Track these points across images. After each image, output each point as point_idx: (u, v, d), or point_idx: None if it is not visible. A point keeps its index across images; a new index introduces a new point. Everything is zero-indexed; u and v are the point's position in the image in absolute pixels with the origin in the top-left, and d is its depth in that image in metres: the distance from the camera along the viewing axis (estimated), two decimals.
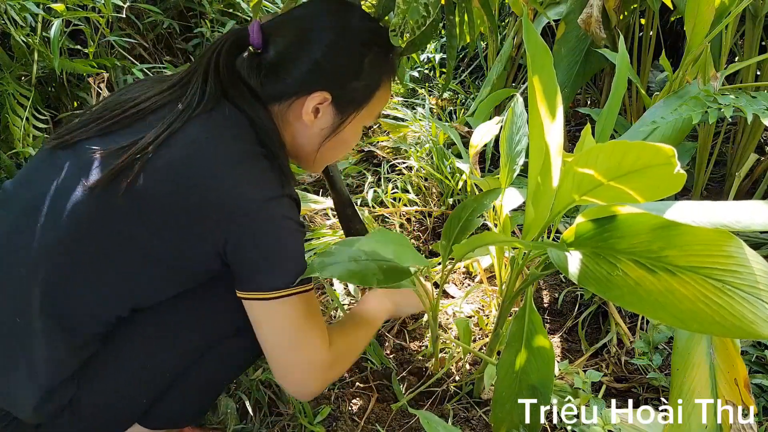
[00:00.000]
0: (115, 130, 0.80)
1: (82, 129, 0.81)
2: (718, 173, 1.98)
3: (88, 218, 0.75)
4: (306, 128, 0.88)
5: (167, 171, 0.75)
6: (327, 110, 0.87)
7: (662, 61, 1.47)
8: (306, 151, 0.92)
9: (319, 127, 0.88)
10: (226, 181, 0.76)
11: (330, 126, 0.89)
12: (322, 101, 0.85)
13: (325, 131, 0.89)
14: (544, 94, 0.79)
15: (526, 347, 0.92)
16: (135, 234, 0.76)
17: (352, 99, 0.88)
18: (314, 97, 0.84)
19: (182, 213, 0.76)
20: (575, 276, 0.77)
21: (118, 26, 2.24)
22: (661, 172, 0.59)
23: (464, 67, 2.89)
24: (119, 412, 0.88)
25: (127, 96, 0.84)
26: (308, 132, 0.89)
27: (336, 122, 0.89)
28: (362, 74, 0.86)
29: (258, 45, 0.84)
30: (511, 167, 1.16)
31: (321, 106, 0.86)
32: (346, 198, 1.27)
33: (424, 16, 0.85)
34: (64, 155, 0.80)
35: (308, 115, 0.85)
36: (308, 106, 0.85)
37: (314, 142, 0.90)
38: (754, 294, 0.63)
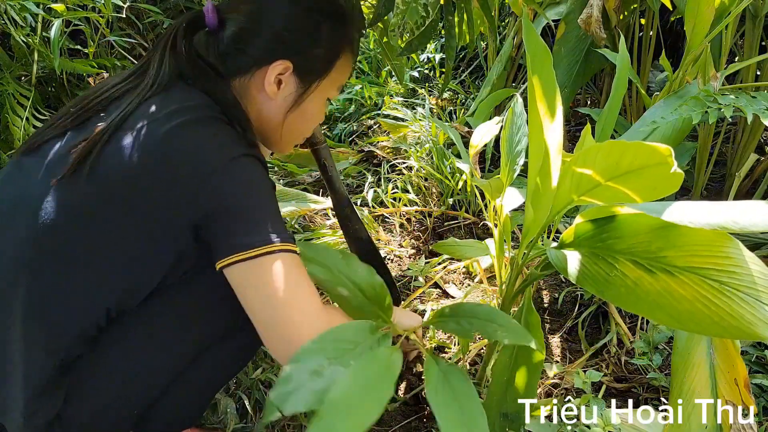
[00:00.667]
0: (76, 126, 0.80)
1: (45, 131, 0.82)
2: (718, 173, 1.98)
3: (58, 214, 0.75)
4: (270, 101, 0.88)
5: (127, 149, 0.75)
6: (289, 80, 0.87)
7: (662, 61, 1.47)
8: (272, 126, 0.92)
9: (283, 98, 0.88)
10: (186, 147, 0.75)
11: (293, 96, 0.89)
12: (284, 71, 0.85)
13: (288, 102, 0.89)
14: (544, 94, 0.79)
15: (518, 349, 0.92)
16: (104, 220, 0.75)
17: (313, 67, 0.88)
18: (275, 66, 0.85)
19: (147, 188, 0.75)
20: (574, 276, 0.77)
21: (118, 26, 2.24)
22: (659, 172, 0.60)
23: (464, 67, 2.89)
24: (112, 422, 0.86)
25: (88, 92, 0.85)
26: (272, 105, 0.89)
27: (299, 92, 0.89)
28: (321, 42, 0.87)
29: (213, 25, 0.85)
30: (511, 167, 1.16)
31: (283, 77, 0.86)
32: (345, 198, 1.27)
33: (423, 16, 0.85)
34: (29, 161, 0.80)
35: (271, 86, 0.86)
36: (270, 76, 0.85)
37: (279, 114, 0.90)
38: (753, 295, 0.63)
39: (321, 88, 0.91)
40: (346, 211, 1.28)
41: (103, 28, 2.00)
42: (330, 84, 0.92)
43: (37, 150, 0.80)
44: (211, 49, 0.85)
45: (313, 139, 1.22)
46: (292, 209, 1.60)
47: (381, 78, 2.80)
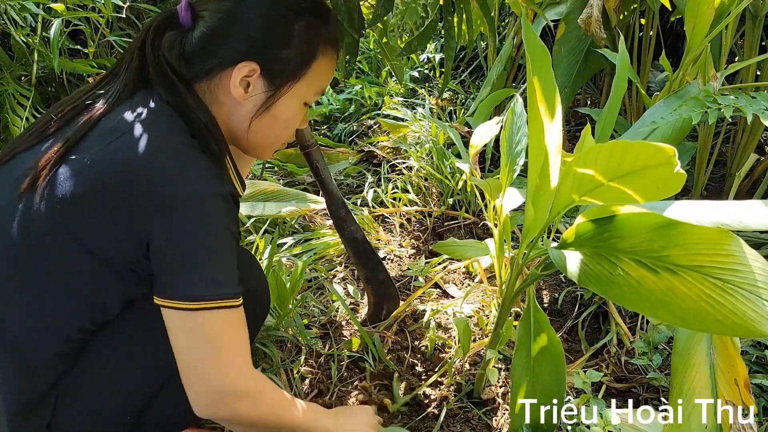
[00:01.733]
0: (46, 137, 0.78)
1: (18, 141, 0.79)
2: (718, 173, 1.98)
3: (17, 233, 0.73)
4: (238, 105, 0.83)
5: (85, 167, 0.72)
6: (257, 83, 0.82)
7: (662, 61, 1.47)
8: (241, 131, 0.86)
9: (252, 103, 0.83)
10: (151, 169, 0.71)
11: (262, 100, 0.83)
12: (250, 73, 0.80)
13: (258, 104, 0.83)
14: (544, 94, 0.79)
15: (534, 348, 0.92)
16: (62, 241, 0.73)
17: (282, 70, 0.82)
18: (240, 68, 0.80)
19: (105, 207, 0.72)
20: (576, 276, 0.77)
21: (118, 26, 2.24)
22: (661, 172, 0.60)
23: (464, 67, 2.89)
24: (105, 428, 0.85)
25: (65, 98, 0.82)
26: (241, 109, 0.83)
27: (268, 94, 0.83)
28: (292, 42, 0.82)
29: (187, 23, 0.81)
30: (511, 167, 1.16)
31: (250, 79, 0.81)
32: (339, 199, 1.27)
33: (422, 16, 0.85)
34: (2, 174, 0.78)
35: (237, 89, 0.80)
36: (235, 78, 0.80)
37: (248, 115, 0.84)
38: (755, 292, 0.63)
39: (294, 91, 0.85)
40: (341, 212, 1.27)
41: (103, 28, 2.00)
42: (306, 87, 0.86)
43: (8, 162, 0.78)
44: (176, 50, 0.80)
45: (302, 141, 1.19)
46: (292, 209, 1.59)
47: (381, 78, 2.80)
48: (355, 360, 1.27)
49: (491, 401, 1.18)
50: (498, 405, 1.17)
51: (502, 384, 1.21)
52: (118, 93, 0.78)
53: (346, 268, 1.59)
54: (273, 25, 0.81)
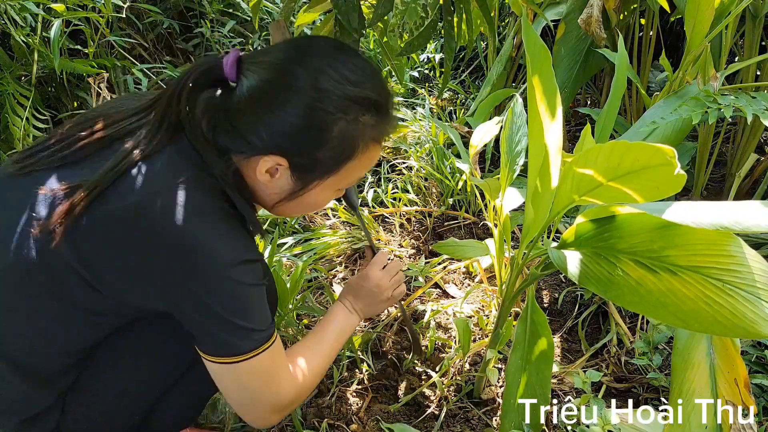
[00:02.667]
0: (72, 162, 0.74)
1: (42, 155, 0.75)
2: (718, 173, 1.98)
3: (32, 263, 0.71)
4: (263, 184, 0.79)
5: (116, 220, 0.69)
6: (284, 174, 0.77)
7: (662, 61, 1.47)
8: (266, 204, 0.84)
9: (278, 187, 0.79)
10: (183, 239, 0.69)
11: (288, 190, 0.79)
12: (277, 165, 0.76)
13: (283, 193, 0.80)
14: (544, 94, 0.79)
15: (529, 348, 0.92)
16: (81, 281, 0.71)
17: (313, 167, 0.77)
18: (267, 160, 0.75)
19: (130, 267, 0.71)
20: (575, 276, 0.77)
21: (118, 26, 2.24)
22: (661, 173, 0.60)
23: (464, 67, 2.89)
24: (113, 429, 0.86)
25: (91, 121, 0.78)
26: (265, 188, 0.80)
27: (295, 187, 0.79)
28: (328, 144, 0.75)
29: (232, 79, 0.75)
30: (511, 167, 1.16)
31: (278, 167, 0.76)
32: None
33: (422, 16, 0.85)
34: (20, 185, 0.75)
35: (263, 176, 0.76)
36: (262, 167, 0.75)
37: (272, 199, 0.82)
38: (754, 293, 0.63)
39: (326, 185, 0.80)
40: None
41: (103, 28, 2.00)
42: (339, 180, 0.80)
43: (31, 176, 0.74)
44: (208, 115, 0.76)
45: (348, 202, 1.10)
46: None
47: None
48: (355, 360, 1.27)
49: (491, 401, 1.18)
50: (498, 405, 1.17)
51: (502, 384, 1.21)
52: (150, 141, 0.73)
53: (346, 268, 1.59)
54: (308, 126, 0.73)
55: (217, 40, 2.47)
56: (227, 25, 2.45)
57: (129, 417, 0.87)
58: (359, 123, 0.75)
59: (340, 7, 0.99)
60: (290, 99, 0.72)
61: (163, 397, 0.89)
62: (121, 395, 0.84)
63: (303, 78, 0.72)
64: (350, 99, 0.74)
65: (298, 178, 0.78)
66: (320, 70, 0.73)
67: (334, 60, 0.75)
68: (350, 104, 0.74)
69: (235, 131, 0.74)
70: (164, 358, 0.86)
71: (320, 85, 0.72)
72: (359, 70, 0.75)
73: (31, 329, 0.74)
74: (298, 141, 0.74)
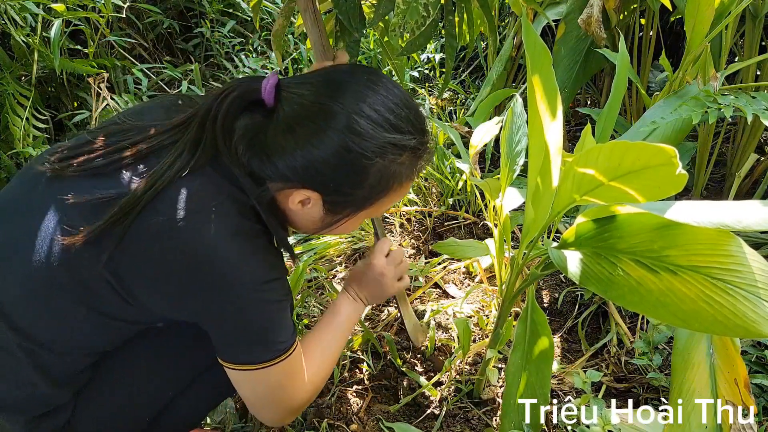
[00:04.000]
0: (107, 173, 0.74)
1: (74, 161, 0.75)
2: (718, 173, 1.98)
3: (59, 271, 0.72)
4: (294, 213, 0.80)
5: (151, 238, 0.70)
6: (317, 204, 0.78)
7: (662, 61, 1.47)
8: (299, 229, 0.86)
9: (309, 216, 0.80)
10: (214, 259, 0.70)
11: (320, 219, 0.81)
12: (310, 198, 0.76)
13: (315, 222, 0.82)
14: (544, 94, 0.79)
15: (529, 348, 0.92)
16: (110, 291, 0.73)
17: (347, 203, 0.79)
18: (301, 193, 0.75)
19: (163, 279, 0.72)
20: (576, 276, 0.77)
21: (118, 26, 2.24)
22: (662, 172, 0.59)
23: (464, 67, 2.89)
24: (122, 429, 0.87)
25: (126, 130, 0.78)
26: (297, 216, 0.81)
27: (328, 219, 0.81)
28: (364, 184, 0.76)
29: (270, 103, 0.75)
30: (511, 167, 1.16)
31: (311, 199, 0.77)
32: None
33: (423, 16, 0.85)
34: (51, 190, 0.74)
35: (295, 205, 0.77)
36: (295, 198, 0.76)
37: (304, 225, 0.83)
38: (754, 293, 0.63)
39: (358, 216, 0.82)
40: None
41: (103, 28, 2.00)
42: (371, 211, 0.82)
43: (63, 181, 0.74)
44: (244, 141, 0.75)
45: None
46: None
47: None
48: (355, 360, 1.27)
49: (491, 401, 1.18)
50: (498, 405, 1.17)
51: (502, 384, 1.21)
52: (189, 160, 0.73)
53: (346, 268, 1.59)
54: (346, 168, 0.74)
55: (217, 40, 2.47)
56: (227, 25, 2.45)
57: (139, 419, 0.87)
58: (396, 164, 0.76)
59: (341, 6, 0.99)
60: (329, 137, 0.72)
61: (173, 401, 0.89)
62: (132, 398, 0.85)
63: (340, 118, 0.72)
64: (391, 144, 0.74)
65: (330, 210, 0.79)
66: (360, 111, 0.72)
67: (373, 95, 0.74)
68: (389, 148, 0.74)
69: (271, 161, 0.74)
70: (178, 363, 0.88)
71: (360, 127, 0.72)
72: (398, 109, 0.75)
73: (55, 329, 0.75)
74: (334, 180, 0.75)
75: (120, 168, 0.74)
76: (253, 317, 0.75)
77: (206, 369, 0.90)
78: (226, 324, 0.75)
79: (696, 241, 0.68)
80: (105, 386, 0.83)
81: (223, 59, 2.46)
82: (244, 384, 0.81)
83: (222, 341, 0.78)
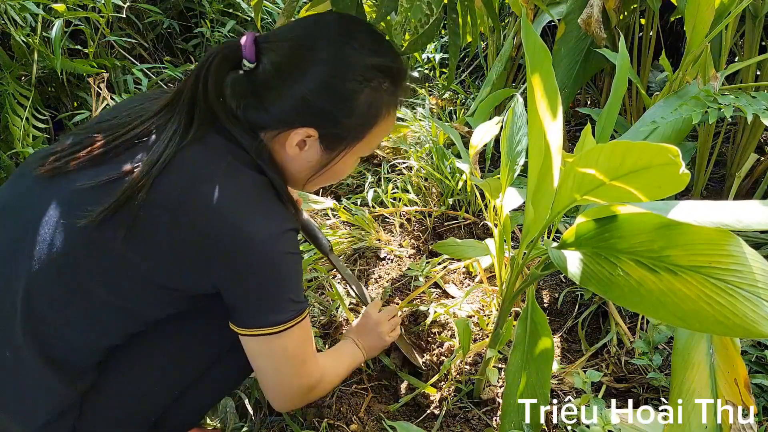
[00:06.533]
0: (106, 160, 0.76)
1: (72, 157, 0.76)
2: (718, 173, 1.98)
3: (79, 255, 0.73)
4: (292, 159, 0.83)
5: (165, 207, 0.72)
6: (314, 144, 0.81)
7: (662, 61, 1.47)
8: (294, 178, 0.88)
9: (306, 160, 0.83)
10: (227, 216, 0.73)
11: (317, 161, 0.84)
12: (307, 137, 0.80)
13: (312, 164, 0.84)
14: (544, 94, 0.79)
15: (529, 348, 0.92)
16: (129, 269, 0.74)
17: (342, 136, 0.82)
18: (298, 133, 0.79)
19: (180, 247, 0.74)
20: (576, 276, 0.77)
21: (118, 26, 2.24)
22: (664, 172, 0.60)
23: (464, 67, 2.89)
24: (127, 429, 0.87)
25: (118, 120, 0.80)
26: (294, 163, 0.84)
27: (324, 158, 0.83)
28: (355, 112, 0.79)
29: (251, 59, 0.77)
30: (511, 167, 1.16)
31: (307, 140, 0.80)
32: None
33: (426, 14, 0.85)
34: (52, 185, 0.76)
35: (293, 149, 0.80)
36: (292, 140, 0.79)
37: (302, 173, 0.86)
38: (755, 293, 0.63)
39: (352, 152, 0.85)
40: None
41: (103, 28, 2.00)
42: (363, 146, 0.85)
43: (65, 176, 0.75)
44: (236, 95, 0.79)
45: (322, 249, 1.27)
46: None
47: None
48: None
49: (491, 401, 1.18)
50: (498, 405, 1.17)
51: (502, 384, 1.21)
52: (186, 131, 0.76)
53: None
54: (338, 95, 0.77)
55: (217, 40, 2.47)
56: (227, 25, 2.45)
57: (144, 420, 0.88)
58: (381, 90, 0.80)
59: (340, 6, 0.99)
60: (316, 70, 0.76)
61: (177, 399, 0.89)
62: (138, 398, 0.85)
63: (325, 49, 0.76)
64: (373, 68, 0.78)
65: (327, 147, 0.82)
66: (340, 41, 0.77)
67: (352, 31, 0.79)
68: (374, 72, 0.78)
69: (264, 107, 0.78)
70: (182, 362, 0.89)
71: (343, 55, 0.76)
72: (376, 41, 0.80)
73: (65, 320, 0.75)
74: (327, 111, 0.78)
75: (119, 153, 0.76)
76: (272, 272, 0.76)
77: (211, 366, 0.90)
78: (245, 282, 0.76)
79: (696, 240, 0.68)
80: (109, 388, 0.83)
81: None
82: (262, 354, 0.82)
83: (240, 303, 0.79)
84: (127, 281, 0.75)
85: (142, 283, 0.75)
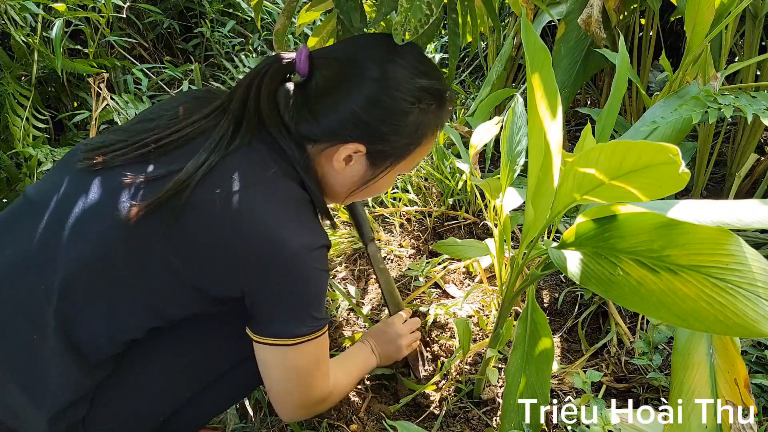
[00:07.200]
0: (153, 158, 0.77)
1: (118, 153, 0.78)
2: (718, 173, 1.98)
3: (117, 248, 0.74)
4: (336, 173, 0.84)
5: (207, 210, 0.74)
6: (360, 160, 0.83)
7: (662, 61, 1.47)
8: (334, 192, 0.89)
9: (350, 175, 0.85)
10: (267, 223, 0.75)
11: (361, 176, 0.85)
12: (355, 152, 0.81)
13: (356, 180, 0.86)
14: (544, 94, 0.79)
15: (529, 348, 0.92)
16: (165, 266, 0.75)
17: (389, 153, 0.83)
18: (348, 147, 0.80)
19: (217, 250, 0.75)
20: (576, 276, 0.77)
21: (118, 26, 2.24)
22: (664, 171, 0.60)
23: (464, 67, 2.89)
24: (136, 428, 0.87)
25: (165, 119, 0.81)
26: (338, 177, 0.85)
27: (368, 174, 0.85)
28: (404, 131, 0.81)
29: (304, 73, 0.80)
30: (511, 167, 1.16)
31: (354, 155, 0.82)
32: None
33: (426, 14, 0.84)
34: (97, 179, 0.77)
35: (339, 163, 0.82)
36: (341, 154, 0.81)
37: (344, 187, 0.88)
38: (755, 292, 0.63)
39: (395, 169, 0.87)
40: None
41: (103, 28, 2.00)
42: (404, 165, 0.87)
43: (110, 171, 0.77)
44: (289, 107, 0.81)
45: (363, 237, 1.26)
46: None
47: None
48: None
49: (491, 401, 1.18)
50: (498, 405, 1.17)
51: (502, 384, 1.21)
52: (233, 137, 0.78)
53: (346, 268, 1.59)
54: (388, 114, 0.79)
55: (217, 40, 2.47)
56: (227, 25, 2.45)
57: (153, 418, 0.88)
58: (429, 111, 0.82)
59: (342, 6, 0.99)
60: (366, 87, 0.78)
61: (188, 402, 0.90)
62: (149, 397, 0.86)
63: (376, 68, 0.79)
64: (423, 89, 0.80)
65: (372, 163, 0.84)
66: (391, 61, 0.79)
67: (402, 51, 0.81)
68: (423, 94, 0.81)
69: (317, 120, 0.80)
70: (197, 366, 0.89)
71: (394, 74, 0.79)
72: (425, 62, 0.83)
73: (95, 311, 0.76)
74: (378, 127, 0.80)
75: (165, 153, 0.77)
76: (301, 286, 0.77)
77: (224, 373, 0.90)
78: (274, 289, 0.77)
79: (696, 240, 0.68)
80: (123, 383, 0.83)
81: (223, 59, 2.46)
82: (275, 364, 0.82)
83: (264, 310, 0.79)
84: (160, 279, 0.76)
85: (175, 281, 0.76)
